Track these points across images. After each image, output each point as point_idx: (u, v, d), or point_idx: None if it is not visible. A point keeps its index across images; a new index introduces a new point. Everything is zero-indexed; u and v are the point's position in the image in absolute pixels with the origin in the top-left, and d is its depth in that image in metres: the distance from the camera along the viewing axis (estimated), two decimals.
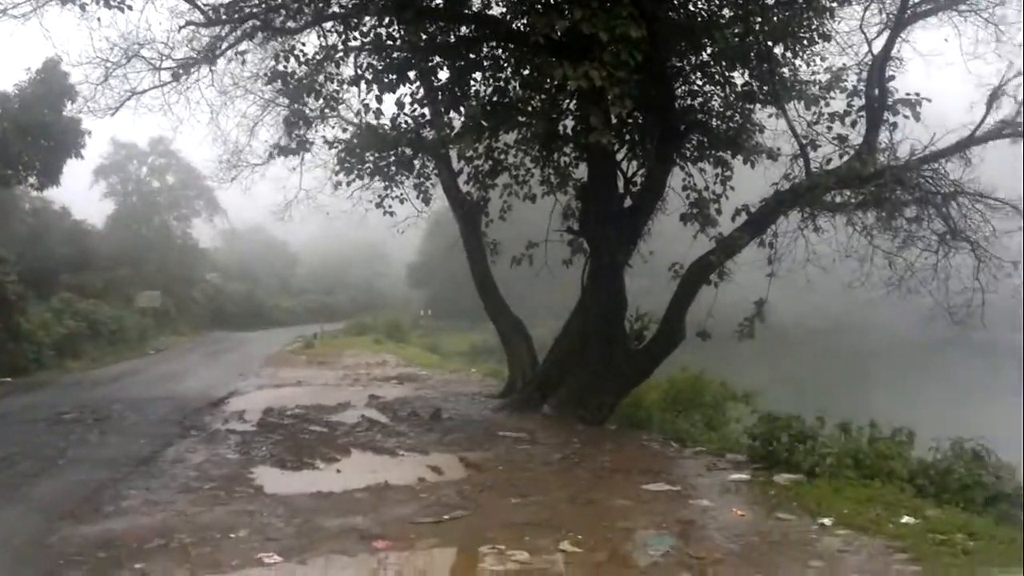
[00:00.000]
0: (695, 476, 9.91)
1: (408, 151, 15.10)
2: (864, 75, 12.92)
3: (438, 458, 10.74)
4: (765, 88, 13.06)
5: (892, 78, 12.65)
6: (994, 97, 11.63)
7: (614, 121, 12.50)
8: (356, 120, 15.44)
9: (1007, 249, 11.21)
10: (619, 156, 14.28)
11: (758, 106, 13.82)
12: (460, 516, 7.91)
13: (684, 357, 14.79)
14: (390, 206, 16.10)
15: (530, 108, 13.20)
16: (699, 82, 14.26)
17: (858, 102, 12.90)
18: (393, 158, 15.19)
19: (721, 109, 14.24)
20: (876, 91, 12.51)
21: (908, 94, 12.24)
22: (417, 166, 15.77)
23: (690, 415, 13.84)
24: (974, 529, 7.33)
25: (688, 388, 14.60)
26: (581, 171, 14.80)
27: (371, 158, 15.03)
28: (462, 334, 43.59)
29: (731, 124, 14.11)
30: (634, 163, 14.62)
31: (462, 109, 14.04)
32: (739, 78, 13.75)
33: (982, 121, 11.67)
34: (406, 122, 14.47)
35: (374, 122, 14.35)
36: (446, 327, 48.37)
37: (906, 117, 12.28)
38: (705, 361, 15.64)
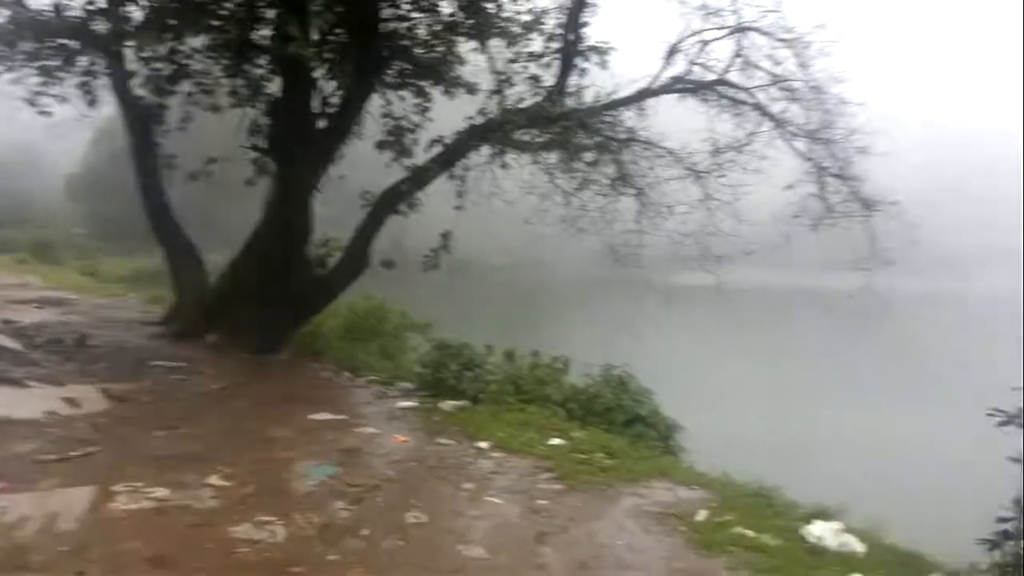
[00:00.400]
0: (363, 405, 10.00)
1: (74, 43, 13.13)
2: (563, 19, 13.53)
3: (75, 389, 9.67)
4: (470, 21, 13.20)
5: (586, 24, 13.38)
6: (670, 54, 12.80)
7: (316, 37, 11.89)
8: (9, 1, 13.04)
9: (664, 195, 12.56)
10: (317, 74, 13.67)
11: (462, 39, 13.95)
12: (93, 452, 7.21)
13: (369, 286, 14.82)
14: (47, 105, 13.94)
15: (223, 11, 12.10)
16: (406, 6, 14.05)
17: (554, 45, 13.54)
18: (54, 50, 13.11)
19: (426, 38, 14.18)
20: (572, 35, 13.19)
21: (598, 42, 13.11)
22: (83, 62, 13.78)
23: (368, 345, 13.92)
24: (612, 448, 8.25)
25: (368, 317, 14.67)
26: (275, 86, 13.96)
27: (26, 47, 12.84)
28: (127, 257, 39.93)
29: (434, 54, 14.12)
30: (332, 83, 14.11)
31: (143, 3, 12.48)
32: (446, 7, 13.77)
33: (658, 75, 12.82)
34: (73, 10, 12.54)
35: (32, 5, 12.24)
36: (109, 248, 44.00)
37: (595, 64, 13.17)
38: (390, 292, 15.81)
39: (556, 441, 8.28)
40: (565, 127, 12.74)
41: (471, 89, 14.15)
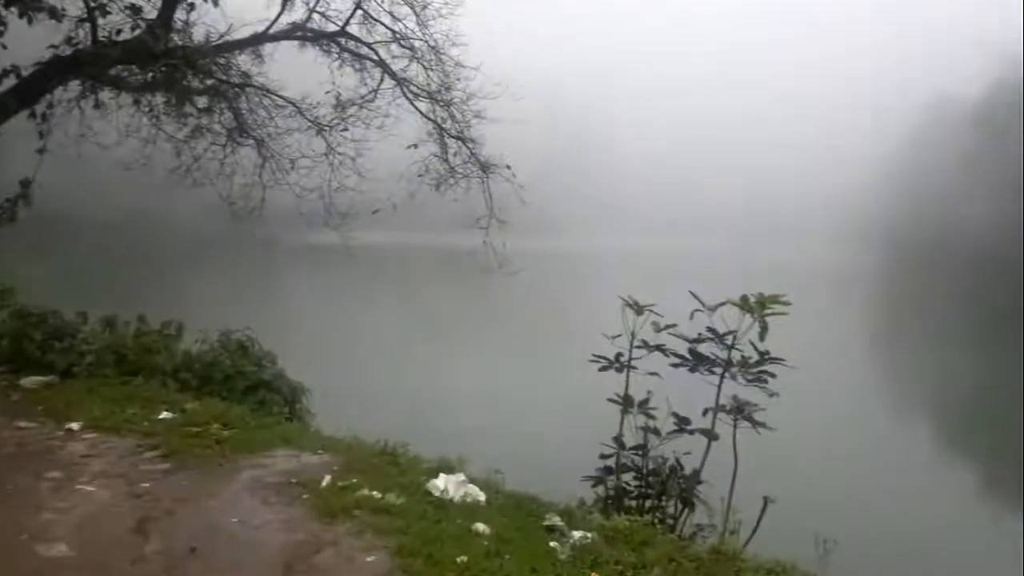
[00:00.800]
0: None
1: None
2: None
3: None
4: None
5: None
6: None
7: None
8: None
9: (287, 147, 12.09)
10: None
11: None
12: None
13: None
14: None
15: None
16: None
17: None
18: None
19: None
20: None
21: None
22: None
23: None
24: (230, 419, 7.75)
25: None
26: None
27: None
28: None
29: None
30: None
31: None
32: None
33: (276, 19, 12.20)
34: None
35: None
36: None
37: (205, 1, 12.15)
38: None
39: (165, 415, 7.60)
40: (171, 66, 11.61)
41: (55, 14, 12.28)
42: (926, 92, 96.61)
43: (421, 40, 11.86)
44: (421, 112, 12.24)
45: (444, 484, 6.22)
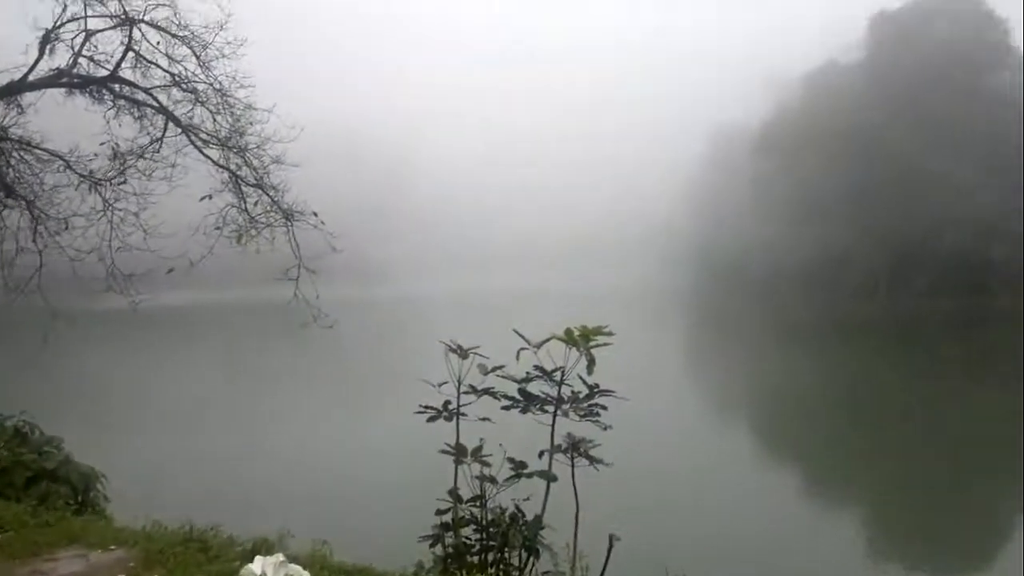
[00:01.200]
0: None
1: None
2: None
3: None
4: None
5: None
6: (46, 41, 11.24)
7: None
8: None
9: (58, 206, 11.02)
10: None
11: None
12: None
13: None
14: None
15: None
16: None
17: None
18: None
19: None
20: None
21: None
22: None
23: None
24: (4, 520, 6.83)
25: None
26: None
27: None
28: None
29: None
30: None
31: None
32: None
33: (35, 65, 11.17)
34: None
35: None
36: None
37: None
38: None
39: None
40: None
41: None
42: (717, 121, 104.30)
43: (205, 83, 11.17)
44: (212, 160, 11.49)
45: (260, 568, 5.58)
